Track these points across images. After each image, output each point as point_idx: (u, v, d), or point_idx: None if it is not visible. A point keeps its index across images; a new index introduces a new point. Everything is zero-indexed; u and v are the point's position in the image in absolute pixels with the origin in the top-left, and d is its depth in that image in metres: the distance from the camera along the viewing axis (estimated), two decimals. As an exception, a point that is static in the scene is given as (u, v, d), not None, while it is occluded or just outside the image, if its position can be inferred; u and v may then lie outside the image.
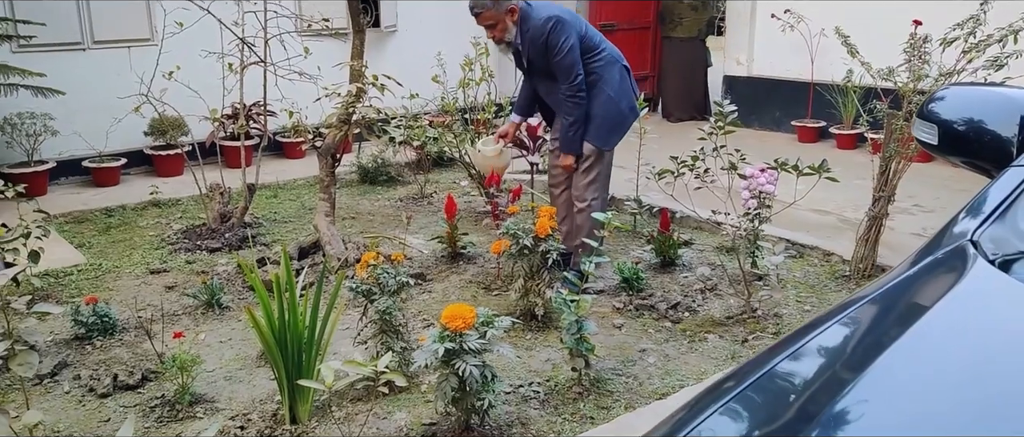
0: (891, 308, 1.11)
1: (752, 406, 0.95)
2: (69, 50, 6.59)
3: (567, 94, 4.16)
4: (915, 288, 1.15)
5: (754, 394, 0.95)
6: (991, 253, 1.16)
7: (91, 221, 5.68)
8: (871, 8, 7.51)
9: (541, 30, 4.09)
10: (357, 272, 3.31)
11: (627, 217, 5.38)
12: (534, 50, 4.16)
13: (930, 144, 1.66)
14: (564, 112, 4.20)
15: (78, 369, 3.48)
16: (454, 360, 2.75)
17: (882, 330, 1.04)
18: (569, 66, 4.11)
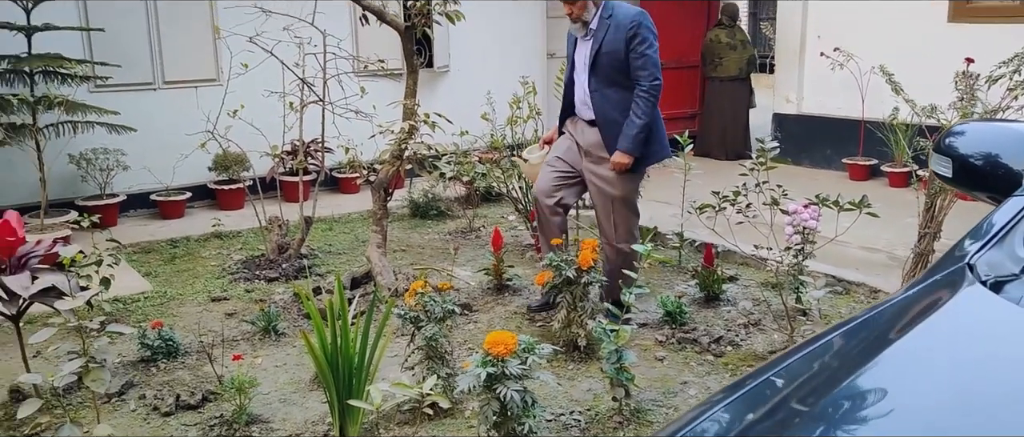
0: (884, 325, 1.20)
1: (738, 412, 1.05)
2: (141, 90, 6.98)
3: (645, 91, 4.08)
4: (908, 307, 1.24)
5: (742, 403, 1.05)
6: (984, 275, 1.24)
7: (157, 251, 5.97)
8: (920, 46, 7.51)
9: (632, 20, 4.08)
10: (405, 300, 3.46)
11: (671, 251, 5.47)
12: (615, 39, 4.09)
13: (946, 177, 1.74)
14: (637, 110, 4.09)
15: (144, 389, 3.68)
16: (496, 385, 2.87)
17: (872, 343, 1.13)
18: (654, 63, 4.09)
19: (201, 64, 7.22)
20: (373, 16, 4.76)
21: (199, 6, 6.82)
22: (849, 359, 1.12)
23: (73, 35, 6.41)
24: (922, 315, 1.20)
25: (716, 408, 1.07)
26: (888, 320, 1.22)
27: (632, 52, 4.09)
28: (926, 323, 1.16)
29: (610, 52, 4.12)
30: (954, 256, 1.35)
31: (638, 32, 4.08)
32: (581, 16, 4.16)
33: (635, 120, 4.10)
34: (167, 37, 7.07)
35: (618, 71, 4.15)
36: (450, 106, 5.82)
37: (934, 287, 1.28)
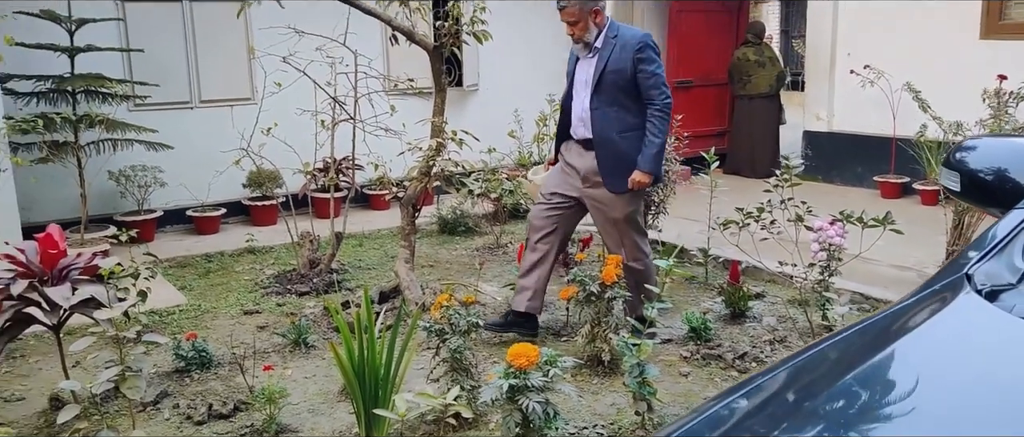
0: (878, 332, 1.24)
1: (730, 413, 1.10)
2: (179, 108, 7.17)
3: (659, 109, 4.13)
4: (904, 315, 1.28)
5: (734, 405, 1.10)
6: (980, 285, 1.28)
7: (192, 266, 6.11)
8: (952, 62, 7.47)
9: (639, 40, 4.15)
10: (431, 314, 3.53)
11: (697, 268, 5.49)
12: (621, 58, 4.14)
13: (954, 191, 1.77)
14: (654, 129, 4.14)
15: (177, 399, 3.79)
16: (518, 396, 2.92)
17: (864, 349, 1.18)
18: (661, 82, 4.14)
19: (236, 84, 7.40)
20: (403, 36, 4.87)
21: (235, 27, 6.99)
22: (840, 364, 1.16)
23: (114, 55, 6.61)
24: (915, 323, 1.24)
25: (711, 410, 1.12)
26: (883, 327, 1.26)
27: (640, 72, 4.13)
28: (918, 330, 1.20)
29: (616, 70, 4.16)
30: (954, 267, 1.39)
31: (645, 52, 4.14)
32: (582, 37, 4.22)
33: (653, 139, 4.14)
34: (204, 57, 7.26)
35: (621, 90, 4.18)
36: (478, 124, 5.91)
37: (931, 296, 1.31)
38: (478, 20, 4.90)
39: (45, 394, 3.84)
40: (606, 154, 4.23)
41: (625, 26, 4.30)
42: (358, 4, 4.78)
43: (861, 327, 1.27)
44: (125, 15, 6.84)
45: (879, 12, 8.27)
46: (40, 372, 4.24)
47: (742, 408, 1.13)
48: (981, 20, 7.52)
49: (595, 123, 4.24)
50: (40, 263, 3.48)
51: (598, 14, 4.21)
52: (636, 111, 4.20)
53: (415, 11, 4.99)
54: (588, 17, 4.17)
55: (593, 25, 4.20)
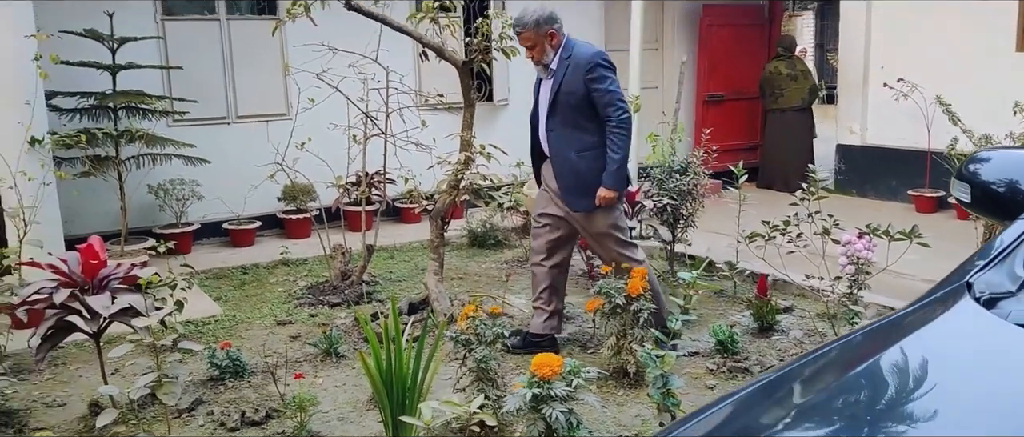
0: (878, 336, 1.28)
1: (728, 412, 1.14)
2: (216, 124, 7.35)
3: (616, 125, 4.13)
4: (903, 321, 1.31)
5: (734, 405, 1.14)
6: (979, 292, 1.31)
7: (228, 277, 6.25)
8: (987, 75, 7.40)
9: (589, 59, 4.15)
10: (458, 324, 3.60)
11: (726, 282, 5.50)
12: (573, 78, 4.17)
13: (965, 202, 1.80)
14: (613, 145, 4.15)
15: (212, 406, 3.89)
16: (542, 406, 2.96)
17: (863, 351, 1.21)
18: (616, 98, 4.13)
19: (272, 100, 7.57)
20: (433, 52, 4.96)
21: (271, 45, 7.17)
22: (836, 367, 1.20)
23: (153, 73, 6.81)
24: (912, 328, 1.27)
25: (712, 410, 1.16)
26: (882, 332, 1.29)
27: (594, 92, 4.15)
28: (913, 336, 1.23)
29: (569, 92, 4.19)
30: (957, 275, 1.42)
31: (595, 71, 4.13)
32: (541, 59, 4.27)
33: (613, 155, 4.16)
34: (241, 74, 7.44)
35: (576, 110, 4.21)
36: (508, 138, 5.97)
37: (931, 303, 1.34)
38: (506, 36, 4.97)
39: (85, 400, 3.96)
40: (564, 173, 4.30)
41: (580, 45, 4.30)
42: (389, 22, 4.89)
43: (862, 332, 1.31)
44: (165, 33, 7.04)
45: (913, 25, 8.22)
46: (80, 379, 4.37)
47: (740, 407, 1.17)
48: (1017, 33, 7.45)
49: (552, 144, 4.32)
50: (81, 273, 3.61)
51: (554, 36, 4.25)
52: (594, 130, 4.21)
53: (445, 27, 5.08)
54: (544, 40, 4.23)
55: (549, 47, 4.25)
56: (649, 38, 9.30)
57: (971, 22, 7.66)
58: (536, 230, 4.51)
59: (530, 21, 4.18)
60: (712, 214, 6.22)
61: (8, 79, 5.26)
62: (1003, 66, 7.36)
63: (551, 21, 4.22)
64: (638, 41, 7.60)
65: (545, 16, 4.20)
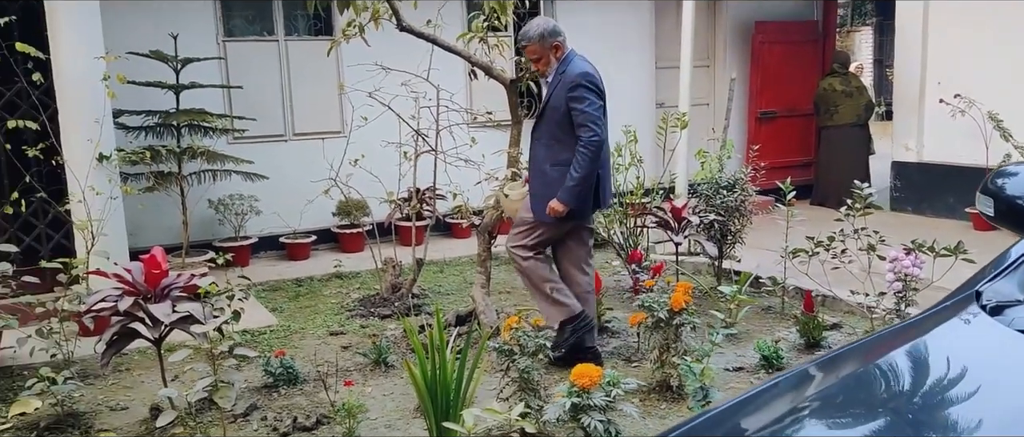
0: (888, 340, 1.32)
1: (735, 410, 1.20)
2: (274, 141, 7.60)
3: (583, 146, 4.15)
4: (914, 326, 1.35)
5: (742, 403, 1.20)
6: (986, 300, 1.35)
7: (283, 289, 6.45)
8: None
9: (575, 77, 4.22)
10: (502, 336, 3.68)
11: (775, 299, 5.49)
12: (559, 93, 4.25)
13: (989, 216, 1.82)
14: (578, 164, 4.17)
15: (265, 411, 4.04)
16: (581, 415, 3.03)
17: (873, 353, 1.26)
18: (592, 120, 4.15)
19: (328, 117, 7.79)
20: (481, 71, 5.09)
21: (327, 64, 7.39)
22: (845, 366, 1.25)
23: (215, 91, 7.07)
24: (919, 333, 1.31)
25: (717, 409, 1.22)
26: (893, 335, 1.34)
27: (572, 110, 4.20)
28: (920, 339, 1.28)
29: (553, 106, 4.28)
30: (969, 284, 1.45)
31: (576, 91, 4.18)
32: (545, 71, 4.38)
33: (573, 173, 4.19)
34: (298, 93, 7.69)
35: (557, 125, 4.27)
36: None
37: (941, 310, 1.39)
38: (554, 54, 5.07)
39: (146, 404, 4.15)
40: (537, 182, 4.42)
41: (576, 61, 4.34)
42: (439, 42, 5.02)
43: (875, 335, 1.36)
44: (226, 54, 7.32)
45: (971, 40, 8.09)
46: (142, 384, 4.57)
47: (749, 405, 1.23)
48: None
49: (534, 151, 4.44)
50: (144, 282, 3.79)
51: (558, 49, 4.33)
52: (570, 145, 4.25)
53: (494, 47, 5.21)
54: (549, 53, 4.31)
55: (554, 59, 4.33)
56: (700, 55, 9.33)
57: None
58: None
59: (535, 34, 4.28)
60: (763, 231, 6.21)
61: (79, 98, 5.53)
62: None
63: (555, 34, 4.32)
64: (689, 58, 7.63)
65: (549, 29, 4.30)
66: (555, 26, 4.36)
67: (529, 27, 4.33)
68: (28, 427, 3.96)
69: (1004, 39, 7.77)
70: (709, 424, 1.20)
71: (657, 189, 6.15)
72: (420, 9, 5.26)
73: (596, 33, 8.96)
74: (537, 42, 4.30)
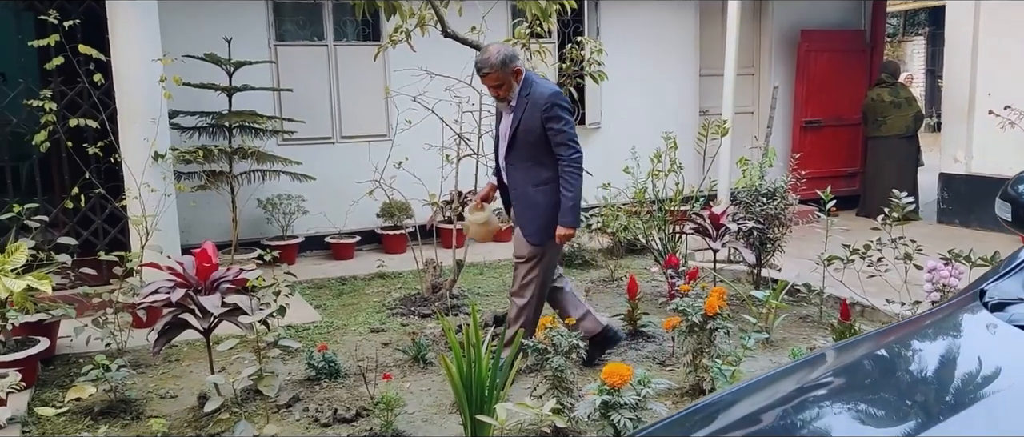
0: (894, 331, 1.38)
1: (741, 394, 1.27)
2: (321, 143, 7.80)
3: (568, 165, 4.21)
4: (919, 322, 1.41)
5: (749, 387, 1.28)
6: (988, 298, 1.40)
7: (327, 287, 6.61)
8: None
9: (546, 99, 4.20)
10: (536, 334, 3.77)
11: (812, 307, 5.48)
12: (531, 115, 4.24)
13: (1006, 220, 1.86)
14: (566, 184, 4.24)
15: (307, 403, 4.17)
16: (611, 413, 3.10)
17: (879, 342, 1.33)
18: (571, 138, 4.21)
19: (374, 121, 7.97)
20: (523, 76, 5.18)
21: (374, 69, 7.57)
22: (853, 356, 1.32)
23: (265, 94, 7.29)
24: (921, 326, 1.37)
25: (739, 388, 1.29)
26: (898, 328, 1.40)
27: (549, 130, 4.20)
28: (922, 330, 1.34)
29: (527, 129, 4.25)
30: (976, 283, 1.50)
31: (552, 111, 4.19)
32: (507, 96, 4.32)
33: (567, 193, 4.25)
34: (346, 97, 7.88)
35: (532, 146, 4.27)
36: (600, 161, 6.16)
37: (946, 307, 1.44)
38: (595, 61, 5.16)
39: (194, 393, 4.31)
40: (521, 206, 4.40)
41: (538, 82, 4.35)
42: (482, 48, 5.12)
43: (886, 327, 1.42)
44: (277, 58, 7.53)
45: (1021, 51, 7.96)
46: (190, 374, 4.74)
47: (755, 389, 1.30)
48: None
49: (511, 178, 4.41)
50: (196, 275, 3.96)
51: (518, 73, 4.29)
52: (550, 165, 4.28)
53: (536, 53, 5.31)
54: (510, 78, 4.27)
55: (515, 84, 4.30)
56: (745, 63, 9.31)
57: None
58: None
59: (496, 62, 4.22)
60: (805, 241, 6.22)
61: (136, 99, 5.77)
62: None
63: (514, 58, 4.28)
64: (733, 66, 7.63)
65: (509, 54, 4.26)
66: (514, 51, 4.34)
67: (489, 54, 4.24)
68: (83, 411, 4.15)
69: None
70: (719, 406, 1.27)
71: (697, 196, 6.18)
72: (465, 16, 5.38)
73: (640, 40, 9.02)
74: (499, 69, 4.24)
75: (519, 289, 4.44)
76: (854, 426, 1.14)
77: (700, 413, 1.30)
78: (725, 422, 1.28)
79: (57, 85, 5.59)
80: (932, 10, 19.92)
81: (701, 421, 1.38)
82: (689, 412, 1.31)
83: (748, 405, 1.26)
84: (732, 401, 1.30)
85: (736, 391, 1.33)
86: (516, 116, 4.29)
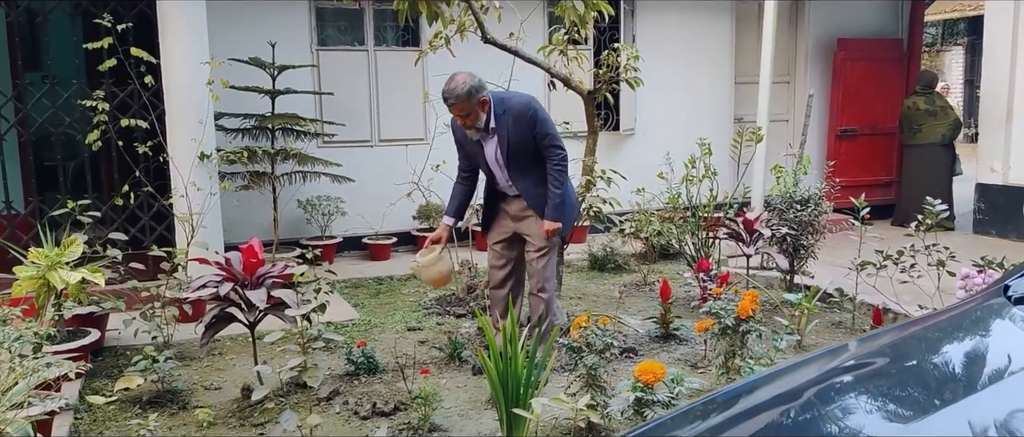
0: (921, 321, 1.46)
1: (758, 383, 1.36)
2: (360, 146, 7.95)
3: (556, 165, 4.43)
4: (946, 315, 1.48)
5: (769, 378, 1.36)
6: (1012, 292, 1.47)
7: (365, 287, 6.76)
8: None
9: (526, 109, 4.41)
10: (570, 334, 3.86)
11: (845, 314, 5.50)
12: (519, 127, 4.41)
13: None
14: (553, 182, 4.47)
15: (347, 397, 4.29)
16: (644, 409, 3.18)
17: (907, 329, 1.41)
18: (555, 140, 4.43)
19: (411, 125, 8.11)
20: (560, 82, 5.28)
21: (413, 75, 7.71)
22: (879, 344, 1.40)
23: (307, 97, 7.46)
24: (945, 317, 1.45)
25: (765, 374, 1.38)
26: (926, 318, 1.47)
27: (538, 136, 4.40)
28: (946, 320, 1.42)
29: (519, 140, 4.44)
30: (999, 280, 1.57)
31: (536, 118, 4.41)
32: (475, 124, 4.48)
33: (554, 191, 4.49)
34: (384, 101, 8.03)
35: (528, 155, 4.48)
36: (634, 166, 6.23)
37: (971, 301, 1.51)
38: (631, 67, 5.24)
39: (238, 385, 4.45)
40: (532, 198, 4.61)
41: (509, 97, 4.52)
42: (521, 54, 5.24)
43: (910, 321, 1.50)
44: (319, 62, 7.71)
45: (1060, 61, 7.90)
46: (234, 367, 4.89)
47: (780, 375, 1.38)
48: None
49: (518, 185, 4.61)
50: (243, 270, 4.11)
51: (484, 102, 4.44)
52: (543, 164, 4.53)
53: (573, 59, 5.40)
54: (477, 108, 4.42)
55: (482, 112, 4.45)
56: (780, 71, 9.33)
57: None
58: (492, 256, 4.86)
59: (463, 93, 4.35)
60: (838, 249, 6.22)
61: (185, 101, 5.95)
62: None
63: (480, 88, 4.40)
64: (768, 73, 7.67)
65: (475, 85, 4.38)
66: (479, 81, 4.43)
67: (456, 86, 4.36)
68: (131, 400, 4.31)
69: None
70: (742, 390, 1.35)
71: (731, 203, 6.22)
72: (503, 22, 5.49)
73: (676, 47, 9.07)
74: (465, 100, 4.37)
75: (541, 283, 4.67)
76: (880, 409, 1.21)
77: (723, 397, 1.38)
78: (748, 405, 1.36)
79: (108, 86, 5.78)
80: (971, 20, 19.67)
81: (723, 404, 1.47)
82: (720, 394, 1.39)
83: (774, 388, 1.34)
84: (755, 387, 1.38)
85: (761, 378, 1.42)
86: (504, 134, 4.49)
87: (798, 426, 1.29)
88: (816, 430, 1.26)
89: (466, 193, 4.90)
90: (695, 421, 1.53)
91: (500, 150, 4.53)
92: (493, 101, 4.49)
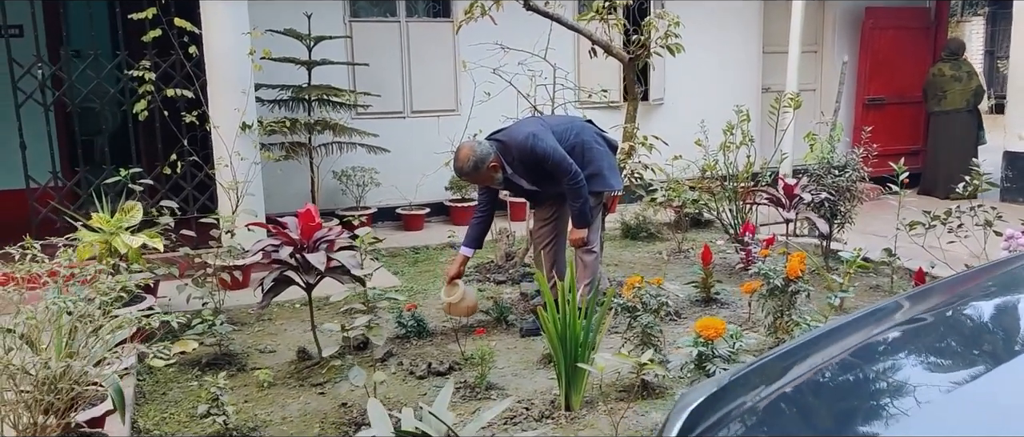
0: (951, 281, 1.56)
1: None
2: (393, 117, 8.02)
3: (571, 185, 4.50)
4: (974, 274, 1.60)
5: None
6: None
7: (402, 256, 6.85)
8: None
9: (529, 151, 4.46)
10: (623, 293, 3.93)
11: (883, 278, 5.56)
12: (530, 165, 4.52)
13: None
14: (571, 199, 4.56)
15: (401, 358, 4.39)
16: (706, 364, 3.26)
17: (934, 290, 1.52)
18: (561, 161, 4.46)
19: (443, 97, 8.17)
20: (601, 49, 5.32)
21: (444, 46, 7.75)
22: (909, 302, 1.50)
23: (340, 68, 7.52)
24: (976, 279, 1.56)
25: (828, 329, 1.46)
26: (958, 279, 1.57)
27: (548, 168, 4.49)
28: (974, 284, 1.53)
29: (533, 173, 4.56)
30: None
31: (542, 156, 4.45)
32: (493, 184, 4.63)
33: (573, 205, 4.59)
34: (416, 73, 8.08)
35: (549, 173, 4.53)
36: (662, 136, 6.20)
37: (1002, 263, 1.62)
38: (672, 33, 5.28)
39: (291, 349, 4.56)
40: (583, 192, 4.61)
41: (507, 141, 4.55)
42: (563, 21, 5.28)
43: (955, 277, 1.61)
44: (352, 33, 7.75)
45: (1094, 27, 7.87)
46: (285, 332, 5.00)
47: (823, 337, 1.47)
48: None
49: (546, 191, 4.73)
50: (300, 235, 4.19)
51: (495, 167, 4.50)
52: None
53: (613, 26, 5.44)
54: (489, 172, 4.49)
55: (495, 173, 4.52)
56: (808, 40, 9.31)
57: None
58: (538, 229, 4.94)
59: (469, 167, 4.44)
60: (871, 217, 6.27)
61: (228, 71, 6.02)
62: None
63: (486, 157, 4.45)
64: (797, 43, 7.67)
65: (479, 156, 4.43)
66: (484, 150, 4.47)
67: (463, 164, 4.45)
68: (190, 363, 4.42)
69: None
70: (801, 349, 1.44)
71: (766, 170, 6.26)
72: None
73: (704, 18, 9.06)
74: (473, 172, 4.47)
75: (587, 245, 4.72)
76: (928, 362, 1.31)
77: (800, 348, 1.48)
78: (827, 357, 1.45)
79: (152, 57, 5.84)
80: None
81: (805, 351, 1.56)
82: (792, 347, 1.48)
83: (849, 341, 1.44)
84: (826, 340, 1.49)
85: (824, 334, 1.53)
86: (521, 174, 4.58)
87: (879, 376, 1.38)
88: (902, 377, 1.35)
89: (483, 226, 4.91)
90: (792, 359, 1.61)
91: (526, 182, 4.65)
92: (498, 152, 4.53)
